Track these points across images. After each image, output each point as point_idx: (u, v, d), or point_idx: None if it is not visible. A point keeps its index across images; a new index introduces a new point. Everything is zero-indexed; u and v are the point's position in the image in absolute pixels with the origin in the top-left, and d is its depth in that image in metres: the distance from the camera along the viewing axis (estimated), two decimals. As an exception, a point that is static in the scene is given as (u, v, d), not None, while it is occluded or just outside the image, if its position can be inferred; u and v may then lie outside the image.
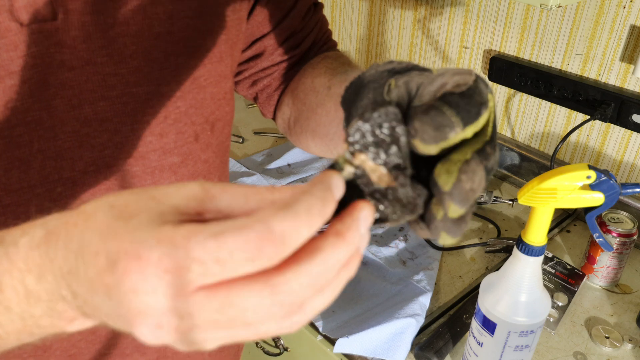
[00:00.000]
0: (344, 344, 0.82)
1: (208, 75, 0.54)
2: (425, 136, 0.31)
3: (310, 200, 0.27)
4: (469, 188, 0.31)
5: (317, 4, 0.66)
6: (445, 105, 0.31)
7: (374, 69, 0.38)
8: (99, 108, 0.47)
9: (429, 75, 0.34)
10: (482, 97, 0.32)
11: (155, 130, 0.51)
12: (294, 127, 0.63)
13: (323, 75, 0.58)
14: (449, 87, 0.32)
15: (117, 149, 0.49)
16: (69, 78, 0.45)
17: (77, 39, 0.44)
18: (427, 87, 0.33)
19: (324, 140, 0.57)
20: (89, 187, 0.49)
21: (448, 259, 1.02)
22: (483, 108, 0.31)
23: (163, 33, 0.48)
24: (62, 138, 0.46)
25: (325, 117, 0.54)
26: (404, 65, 0.37)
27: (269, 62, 0.64)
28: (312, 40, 0.65)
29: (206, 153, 0.57)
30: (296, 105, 0.62)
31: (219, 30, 0.53)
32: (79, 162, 0.48)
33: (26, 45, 0.42)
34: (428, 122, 0.31)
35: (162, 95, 0.50)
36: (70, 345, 0.53)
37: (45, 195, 0.47)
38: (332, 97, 0.53)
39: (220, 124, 0.58)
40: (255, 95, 0.67)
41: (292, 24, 0.62)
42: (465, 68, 0.34)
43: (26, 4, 0.41)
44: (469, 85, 0.32)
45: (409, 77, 0.35)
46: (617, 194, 0.60)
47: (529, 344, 0.70)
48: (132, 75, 0.47)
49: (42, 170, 0.46)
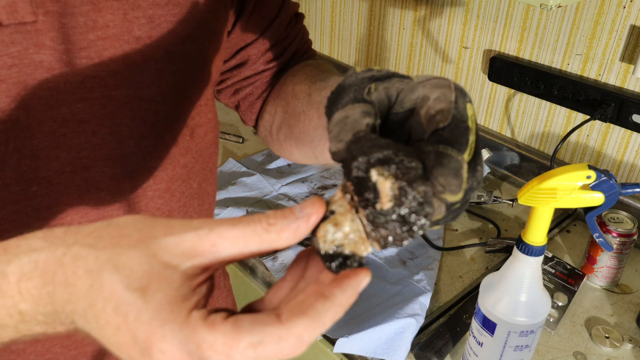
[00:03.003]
0: (344, 344, 0.82)
1: (189, 81, 0.53)
2: (453, 188, 0.32)
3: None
4: None
5: (299, 15, 0.67)
6: (448, 147, 0.32)
7: (354, 76, 0.38)
8: (77, 109, 0.47)
9: (409, 82, 0.35)
10: (465, 119, 0.33)
11: (134, 134, 0.50)
12: (276, 134, 0.63)
13: (303, 82, 0.58)
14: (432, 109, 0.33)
15: (94, 151, 0.49)
16: (47, 79, 0.45)
17: (56, 40, 0.44)
18: (408, 94, 0.34)
19: (309, 147, 0.57)
20: (65, 187, 0.49)
21: (448, 259, 1.02)
22: (470, 133, 0.33)
23: (143, 37, 0.48)
24: (39, 138, 0.46)
25: (308, 124, 0.55)
26: (383, 72, 0.37)
27: (251, 71, 0.64)
28: (295, 50, 0.66)
29: (185, 158, 0.57)
30: (279, 113, 0.62)
31: (200, 37, 0.53)
32: (55, 162, 0.47)
33: (5, 45, 0.42)
34: (449, 173, 0.31)
35: (142, 99, 0.50)
36: (45, 349, 0.53)
37: (20, 194, 0.47)
38: (312, 104, 0.54)
39: (201, 130, 0.58)
40: (237, 103, 0.67)
41: (276, 33, 0.63)
42: (441, 78, 0.35)
43: (5, 4, 0.41)
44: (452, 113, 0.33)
45: (389, 83, 0.36)
46: (617, 194, 0.60)
47: (529, 344, 0.70)
48: (111, 78, 0.47)
49: (17, 169, 0.46)
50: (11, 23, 0.42)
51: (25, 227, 0.48)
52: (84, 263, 0.30)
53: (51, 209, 0.49)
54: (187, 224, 0.31)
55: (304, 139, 0.57)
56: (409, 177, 0.31)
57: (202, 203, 0.63)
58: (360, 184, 0.31)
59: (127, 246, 0.30)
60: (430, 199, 0.31)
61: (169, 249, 0.30)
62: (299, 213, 0.31)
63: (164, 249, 0.30)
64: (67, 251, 0.30)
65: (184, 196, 0.58)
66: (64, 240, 0.31)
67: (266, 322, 0.29)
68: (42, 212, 0.48)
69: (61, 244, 0.31)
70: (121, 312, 0.28)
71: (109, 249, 0.30)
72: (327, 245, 0.32)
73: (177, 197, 0.58)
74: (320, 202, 0.32)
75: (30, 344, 0.52)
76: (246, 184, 1.20)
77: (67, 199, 0.49)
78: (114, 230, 0.31)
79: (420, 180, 0.31)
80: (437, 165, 0.31)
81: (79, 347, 0.55)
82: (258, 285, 1.03)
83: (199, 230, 0.30)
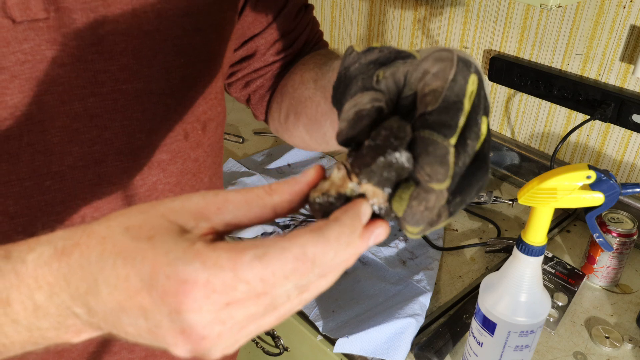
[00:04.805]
0: (344, 344, 0.82)
1: (197, 74, 0.54)
2: (440, 176, 0.32)
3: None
4: (423, 209, 0.32)
5: (308, 6, 0.66)
6: (433, 132, 0.32)
7: (357, 60, 0.38)
8: (89, 104, 0.48)
9: (413, 61, 0.35)
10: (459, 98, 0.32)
11: (145, 127, 0.51)
12: (285, 123, 0.64)
13: (311, 70, 0.58)
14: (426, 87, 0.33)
15: (106, 145, 0.50)
16: (59, 74, 0.45)
17: (68, 36, 0.45)
18: (414, 74, 0.34)
19: (319, 133, 0.57)
20: (78, 182, 0.49)
21: (448, 259, 1.02)
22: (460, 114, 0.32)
23: (152, 31, 0.48)
24: (52, 133, 0.47)
25: (315, 109, 0.55)
26: (386, 53, 0.37)
27: (261, 63, 0.64)
28: (304, 41, 0.66)
29: (196, 152, 0.57)
30: (285, 101, 0.62)
31: (208, 29, 0.53)
32: (68, 157, 0.48)
33: (18, 42, 0.43)
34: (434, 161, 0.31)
35: (152, 93, 0.50)
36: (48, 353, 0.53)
37: (33, 189, 0.47)
38: (318, 89, 0.54)
39: (213, 124, 0.59)
40: (248, 97, 0.68)
41: (284, 23, 0.63)
42: (445, 49, 0.34)
43: (18, 1, 0.42)
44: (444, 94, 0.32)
45: (394, 67, 0.35)
46: (617, 194, 0.60)
47: (529, 344, 0.70)
48: (122, 73, 0.48)
49: (31, 164, 0.47)
50: (24, 20, 0.43)
51: (39, 221, 0.48)
52: (97, 234, 0.31)
53: (64, 203, 0.49)
54: (193, 192, 0.32)
55: (313, 125, 0.57)
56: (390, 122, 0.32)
57: None
58: None
59: (136, 212, 0.31)
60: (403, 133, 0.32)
61: (176, 210, 0.31)
62: (300, 178, 0.32)
63: (171, 210, 0.31)
64: (83, 233, 0.31)
65: (195, 190, 0.59)
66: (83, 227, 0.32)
67: (268, 239, 0.29)
68: (55, 207, 0.49)
69: (79, 229, 0.32)
70: (129, 259, 0.29)
71: (119, 217, 0.31)
72: (314, 194, 0.33)
73: (188, 191, 0.58)
74: (320, 167, 0.33)
75: None
76: (246, 184, 1.20)
77: (79, 194, 0.50)
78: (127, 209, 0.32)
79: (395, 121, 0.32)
80: (422, 154, 0.31)
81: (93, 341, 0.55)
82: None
83: (205, 194, 0.31)
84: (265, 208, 0.31)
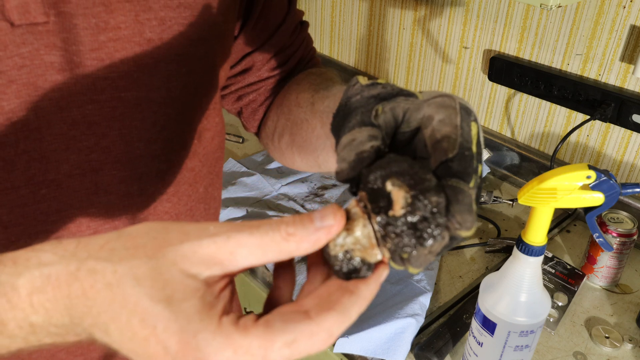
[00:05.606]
0: (343, 344, 0.82)
1: (198, 84, 0.53)
2: (468, 224, 0.32)
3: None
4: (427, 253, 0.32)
5: (303, 23, 0.66)
6: (460, 181, 0.32)
7: (359, 93, 0.38)
8: (87, 111, 0.46)
9: (414, 100, 0.36)
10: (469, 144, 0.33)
11: (144, 136, 0.50)
12: (278, 142, 0.63)
13: (307, 91, 0.58)
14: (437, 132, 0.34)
15: (103, 153, 0.48)
16: (58, 80, 0.44)
17: (68, 41, 0.44)
18: (414, 113, 0.35)
19: (311, 156, 0.56)
20: (74, 191, 0.48)
21: (448, 259, 1.02)
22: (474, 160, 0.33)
23: (154, 39, 0.47)
24: (49, 140, 0.46)
25: (310, 133, 0.54)
26: (389, 89, 0.38)
27: (256, 78, 0.64)
28: (299, 57, 0.66)
29: (192, 161, 0.57)
30: (281, 121, 0.62)
31: (210, 39, 0.52)
32: (64, 165, 0.47)
33: (16, 46, 0.42)
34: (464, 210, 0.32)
35: (151, 101, 0.49)
36: (50, 355, 0.52)
37: (29, 197, 0.46)
38: (315, 113, 0.53)
39: (209, 134, 0.58)
40: (240, 109, 0.67)
41: (281, 40, 0.63)
42: (446, 95, 0.35)
43: (18, 4, 0.41)
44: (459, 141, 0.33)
45: (395, 103, 0.36)
46: (617, 194, 0.60)
47: (529, 344, 0.70)
48: (122, 80, 0.47)
49: (26, 171, 0.46)
50: (23, 23, 0.41)
51: (34, 230, 0.47)
52: (102, 277, 0.29)
53: (60, 212, 0.48)
54: (202, 230, 0.30)
55: (307, 148, 0.57)
56: (422, 187, 0.31)
57: (209, 207, 0.62)
58: (375, 194, 0.32)
59: (144, 257, 0.30)
60: (442, 209, 0.31)
61: (187, 256, 0.30)
62: (319, 223, 0.31)
63: (182, 257, 0.30)
64: (81, 265, 0.30)
65: (191, 200, 0.58)
66: (76, 254, 0.31)
67: (297, 320, 0.29)
68: (51, 216, 0.48)
69: (73, 258, 0.31)
70: (149, 324, 0.28)
71: (125, 261, 0.30)
72: (337, 249, 0.32)
73: (184, 201, 0.57)
74: (342, 212, 0.32)
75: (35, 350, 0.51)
76: (246, 184, 1.20)
77: (76, 202, 0.49)
78: (127, 241, 0.31)
79: (434, 191, 0.31)
80: (453, 202, 0.32)
81: (85, 352, 0.54)
82: (258, 285, 1.03)
83: (216, 237, 0.30)
84: (281, 254, 0.31)
